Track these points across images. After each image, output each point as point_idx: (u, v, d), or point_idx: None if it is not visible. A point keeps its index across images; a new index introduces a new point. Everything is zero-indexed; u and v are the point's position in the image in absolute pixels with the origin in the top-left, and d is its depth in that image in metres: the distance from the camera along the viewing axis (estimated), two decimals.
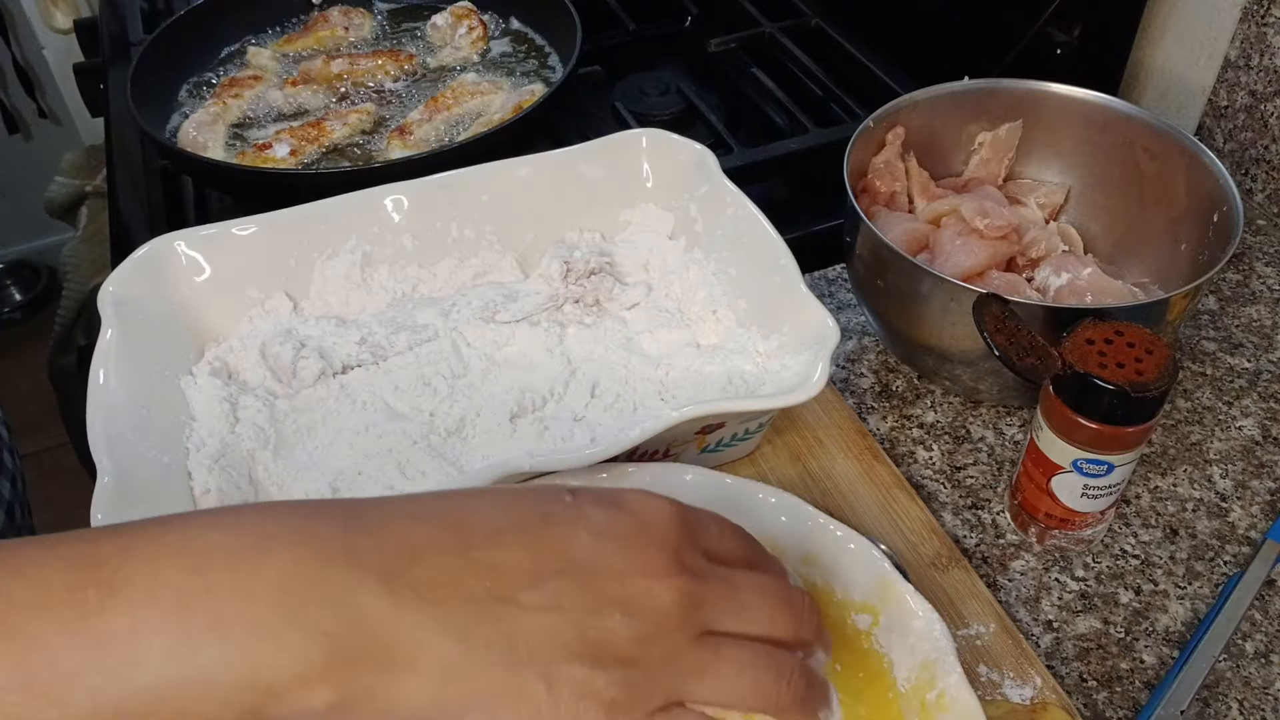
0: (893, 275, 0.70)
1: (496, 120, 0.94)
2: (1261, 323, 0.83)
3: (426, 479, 0.63)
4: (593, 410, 0.67)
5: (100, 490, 0.54)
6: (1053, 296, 0.73)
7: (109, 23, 1.19)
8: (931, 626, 0.51)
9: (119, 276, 0.66)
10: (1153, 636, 0.63)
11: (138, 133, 1.00)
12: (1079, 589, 0.65)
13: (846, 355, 0.80)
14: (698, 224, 0.75)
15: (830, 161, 0.77)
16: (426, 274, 0.75)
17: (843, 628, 0.55)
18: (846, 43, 1.08)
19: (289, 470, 0.63)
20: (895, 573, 0.54)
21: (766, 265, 0.68)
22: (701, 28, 1.17)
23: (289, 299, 0.72)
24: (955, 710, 0.49)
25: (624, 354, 0.70)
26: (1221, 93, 0.95)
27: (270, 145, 0.92)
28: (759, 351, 0.68)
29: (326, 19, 1.10)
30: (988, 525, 0.69)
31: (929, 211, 0.79)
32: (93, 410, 0.58)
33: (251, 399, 0.66)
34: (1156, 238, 0.78)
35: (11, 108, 2.03)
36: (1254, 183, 0.95)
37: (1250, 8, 0.90)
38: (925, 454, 0.73)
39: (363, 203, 0.72)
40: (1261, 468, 0.72)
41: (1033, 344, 0.60)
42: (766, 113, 1.05)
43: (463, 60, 1.06)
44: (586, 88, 1.05)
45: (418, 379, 0.68)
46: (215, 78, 1.05)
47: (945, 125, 0.83)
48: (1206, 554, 0.67)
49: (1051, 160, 0.83)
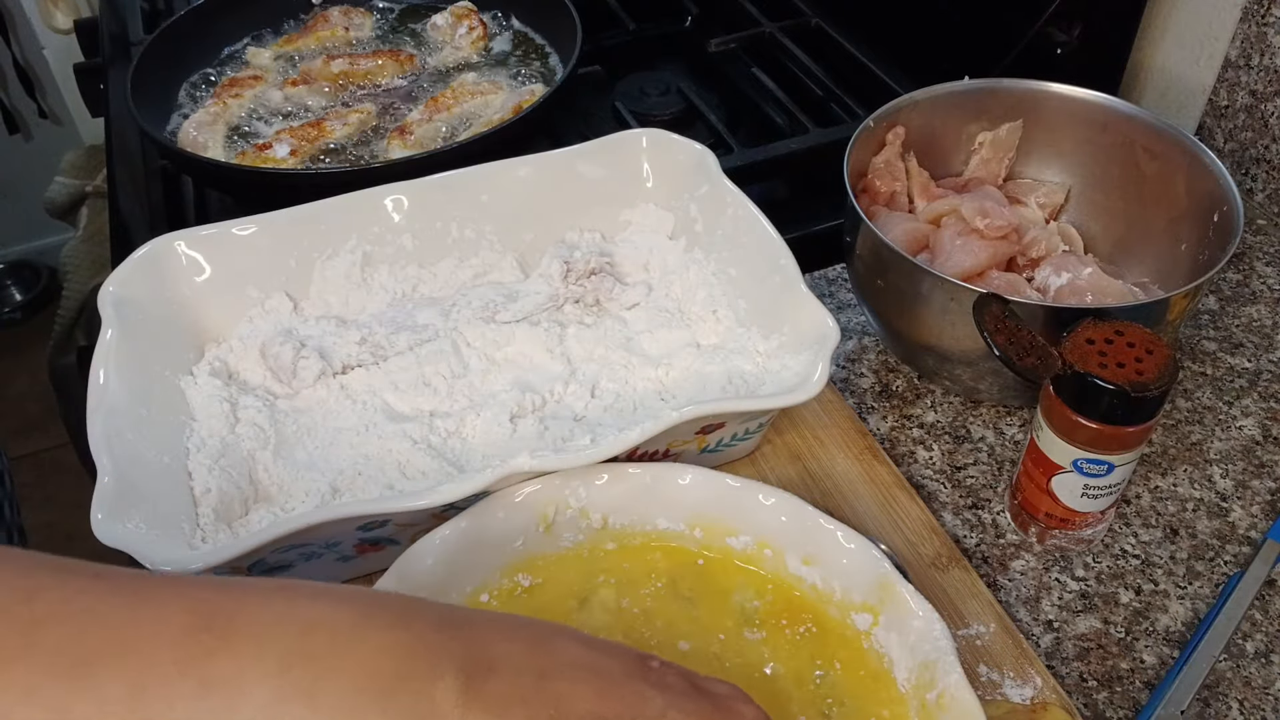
0: (893, 275, 0.70)
1: (496, 120, 0.94)
2: (1262, 322, 0.83)
3: (426, 479, 0.63)
4: (593, 410, 0.67)
5: (100, 490, 0.54)
6: (1053, 296, 0.73)
7: (109, 23, 1.19)
8: (931, 626, 0.51)
9: (119, 276, 0.66)
10: (1153, 636, 0.63)
11: (138, 133, 1.00)
12: (1079, 589, 0.65)
13: (847, 355, 0.80)
14: (698, 224, 0.75)
15: (830, 161, 0.77)
16: (426, 274, 0.75)
17: (843, 628, 0.55)
18: (847, 43, 1.08)
19: (289, 470, 0.63)
20: (895, 573, 0.54)
21: (767, 265, 0.68)
22: (702, 28, 1.17)
23: (289, 299, 0.72)
24: (955, 710, 0.49)
25: (624, 354, 0.70)
26: (1222, 92, 0.95)
27: (270, 145, 0.92)
28: (759, 351, 0.68)
29: (326, 19, 1.10)
30: (988, 525, 0.69)
31: (929, 211, 0.79)
32: (93, 410, 0.58)
33: (251, 399, 0.66)
34: (1157, 237, 0.78)
35: (12, 108, 2.03)
36: (1254, 182, 0.95)
37: (1250, 7, 0.90)
38: (925, 454, 0.73)
39: (363, 203, 0.72)
40: (1262, 468, 0.72)
41: (1033, 344, 0.60)
42: (767, 113, 1.05)
43: (463, 60, 1.06)
44: (586, 88, 1.05)
45: (418, 379, 0.68)
46: (215, 78, 1.05)
47: (945, 125, 0.83)
48: (1207, 554, 0.67)
49: (1052, 160, 0.83)
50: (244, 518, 0.61)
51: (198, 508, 0.59)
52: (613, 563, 0.58)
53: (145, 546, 0.52)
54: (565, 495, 0.58)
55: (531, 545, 0.58)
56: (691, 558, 0.58)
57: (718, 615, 0.56)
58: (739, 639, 0.55)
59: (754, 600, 0.57)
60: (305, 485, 0.62)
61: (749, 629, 0.56)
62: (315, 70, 1.03)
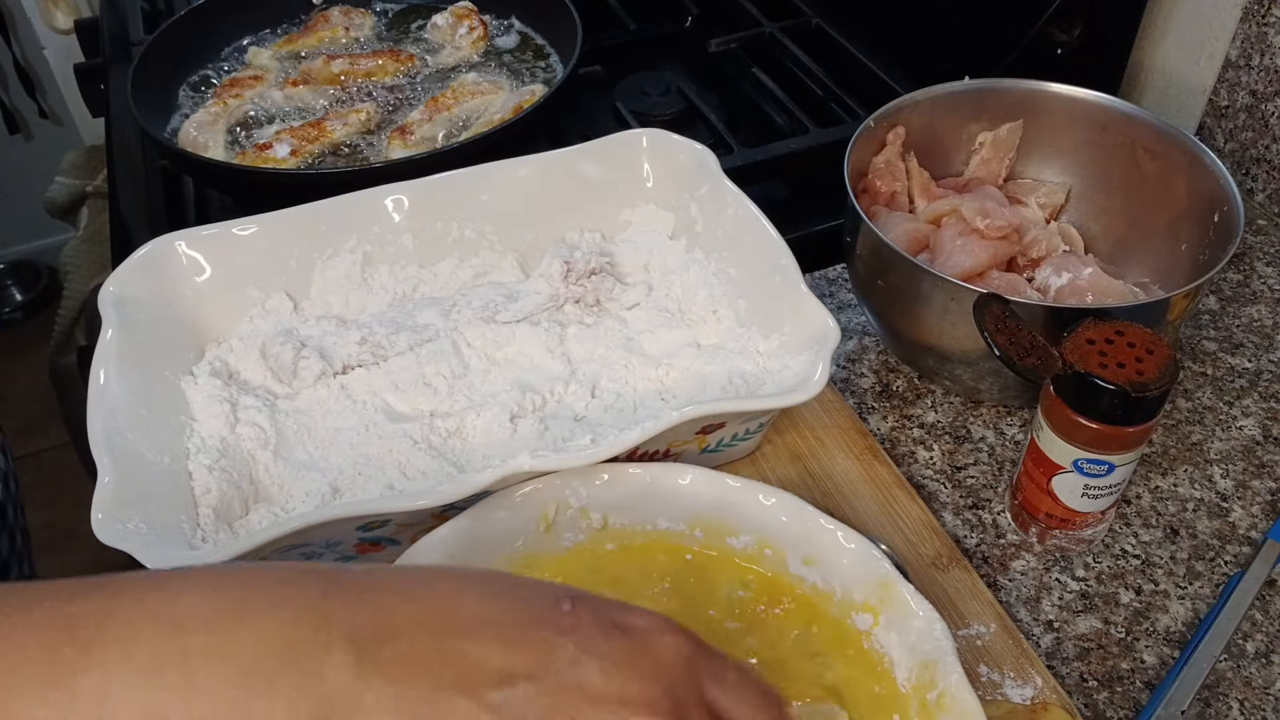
0: (893, 275, 0.70)
1: (497, 120, 0.94)
2: (1262, 323, 0.83)
3: (427, 479, 0.63)
4: (593, 410, 0.67)
5: (100, 490, 0.54)
6: (1053, 296, 0.73)
7: (110, 23, 1.19)
8: (932, 626, 0.51)
9: (120, 276, 0.66)
10: (1153, 636, 0.63)
11: (138, 133, 1.00)
12: (1079, 589, 0.65)
13: (847, 355, 0.80)
14: (698, 224, 0.75)
15: (831, 161, 0.77)
16: (427, 274, 0.75)
17: (843, 628, 0.55)
18: (847, 43, 1.08)
19: (289, 470, 0.63)
20: (896, 573, 0.54)
21: (767, 265, 0.68)
22: (702, 28, 1.17)
23: (289, 299, 0.72)
24: (956, 710, 0.49)
25: (624, 354, 0.70)
26: (1222, 92, 0.95)
27: (271, 145, 0.92)
28: (759, 351, 0.68)
29: (327, 19, 1.10)
30: (988, 525, 0.69)
31: (929, 211, 0.79)
32: (93, 410, 0.58)
33: (252, 399, 0.66)
34: (1157, 237, 0.78)
35: (12, 108, 2.03)
36: (1254, 182, 0.94)
37: (1251, 7, 0.90)
38: (926, 454, 0.73)
39: (363, 203, 0.72)
40: (1262, 468, 0.72)
41: (1033, 344, 0.60)
42: (767, 113, 1.05)
43: (463, 60, 1.06)
44: (587, 88, 1.04)
45: (418, 379, 0.68)
46: (216, 78, 1.05)
47: (946, 125, 0.83)
48: (1207, 554, 0.67)
49: (1052, 160, 0.83)
50: (244, 518, 0.61)
51: (198, 507, 0.59)
52: (613, 563, 0.58)
53: (145, 546, 0.52)
54: (565, 495, 0.58)
55: (532, 545, 0.58)
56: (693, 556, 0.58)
57: (713, 608, 0.56)
58: (737, 634, 0.55)
59: (740, 590, 0.57)
60: (305, 485, 0.62)
61: (731, 620, 0.56)
62: (316, 70, 1.03)
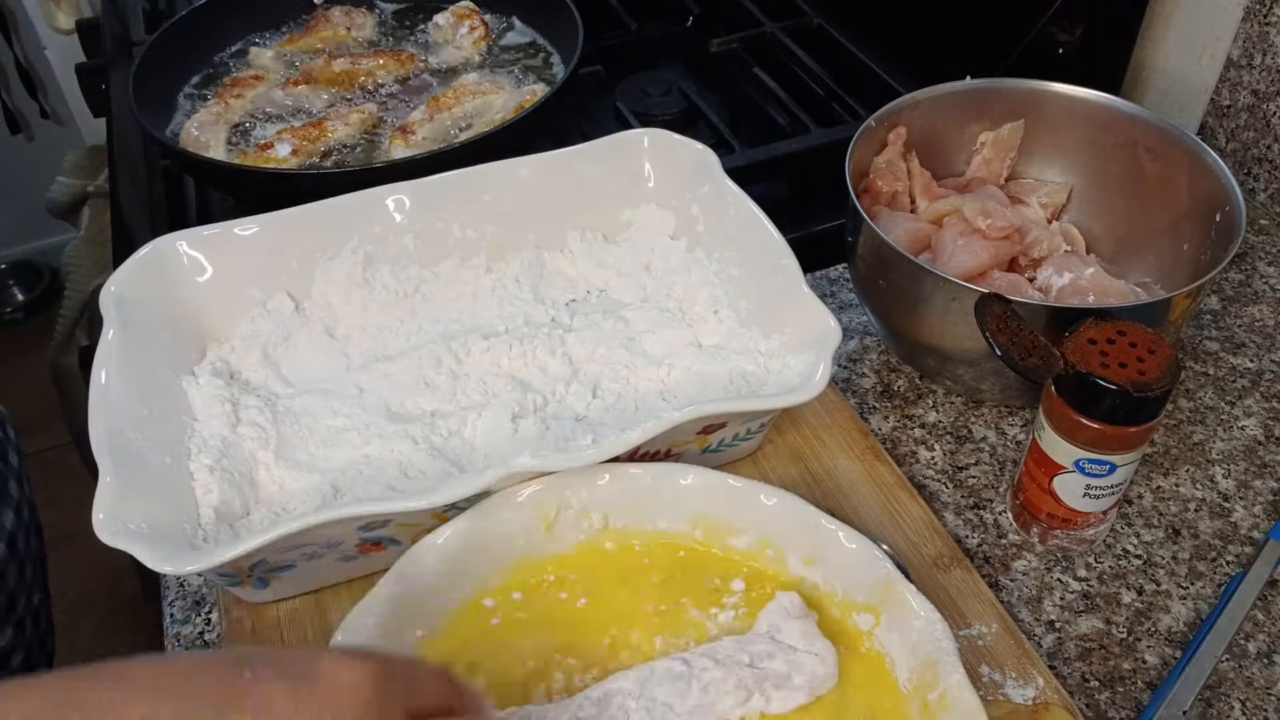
0: (895, 275, 0.70)
1: (498, 120, 0.94)
2: (1264, 322, 0.83)
3: (428, 479, 0.63)
4: (594, 410, 0.67)
5: (102, 490, 0.54)
6: (1055, 296, 0.73)
7: (111, 23, 1.19)
8: (933, 626, 0.51)
9: (121, 276, 0.66)
10: (1155, 637, 0.63)
11: (140, 133, 1.00)
12: (1081, 589, 0.65)
13: (848, 355, 0.80)
14: (699, 224, 0.75)
15: (832, 161, 0.77)
16: (428, 274, 0.74)
17: (844, 628, 0.55)
18: (848, 42, 1.08)
19: (290, 470, 0.63)
20: (897, 573, 0.54)
21: (768, 265, 0.68)
22: (703, 27, 1.17)
23: (291, 299, 0.72)
24: (957, 710, 0.49)
25: (626, 354, 0.70)
26: (1224, 92, 0.95)
27: (272, 145, 0.92)
28: (761, 351, 0.68)
29: (328, 19, 1.10)
30: (990, 525, 0.69)
31: (931, 211, 0.79)
32: (94, 410, 0.58)
33: (253, 399, 0.66)
34: (1159, 237, 0.78)
35: (14, 108, 2.04)
36: (1256, 182, 0.94)
37: (1252, 7, 0.90)
38: (927, 454, 0.73)
39: (364, 203, 0.72)
40: (1264, 468, 0.72)
41: (1035, 344, 0.60)
42: (768, 112, 1.05)
43: (464, 60, 1.06)
44: (588, 88, 1.05)
45: (419, 379, 0.68)
46: (217, 78, 1.05)
47: (947, 125, 0.83)
48: (1209, 554, 0.67)
49: (1054, 160, 0.83)
50: (245, 518, 0.61)
51: (199, 508, 0.59)
52: (613, 562, 0.58)
53: (146, 546, 0.52)
54: (567, 495, 0.58)
55: (533, 545, 0.58)
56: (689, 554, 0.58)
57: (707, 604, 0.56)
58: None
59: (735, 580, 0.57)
60: (306, 485, 0.62)
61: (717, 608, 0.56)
62: (317, 70, 1.03)
